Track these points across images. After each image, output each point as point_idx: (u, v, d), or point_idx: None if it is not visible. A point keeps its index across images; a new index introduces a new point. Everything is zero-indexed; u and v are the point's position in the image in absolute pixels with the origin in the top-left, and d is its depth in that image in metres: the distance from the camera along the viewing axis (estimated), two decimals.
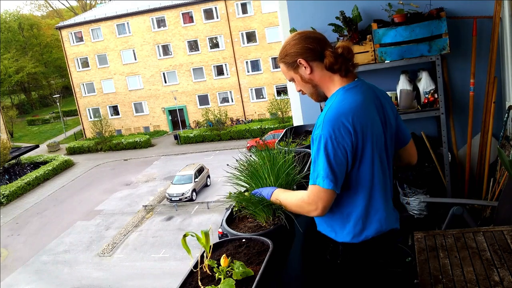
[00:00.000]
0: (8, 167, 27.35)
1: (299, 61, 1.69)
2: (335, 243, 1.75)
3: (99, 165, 28.60)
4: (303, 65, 1.69)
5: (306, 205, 1.65)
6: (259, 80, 31.61)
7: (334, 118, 1.59)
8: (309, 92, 1.77)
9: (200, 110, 32.35)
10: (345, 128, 1.57)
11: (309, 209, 1.65)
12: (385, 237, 1.74)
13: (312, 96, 1.78)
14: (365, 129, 1.61)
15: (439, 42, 3.09)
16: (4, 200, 23.44)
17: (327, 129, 1.58)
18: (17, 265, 17.04)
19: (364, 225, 1.70)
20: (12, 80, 42.41)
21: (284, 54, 1.73)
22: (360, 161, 1.64)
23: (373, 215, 1.70)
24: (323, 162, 1.58)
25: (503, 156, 2.68)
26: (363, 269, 1.75)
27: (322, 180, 1.58)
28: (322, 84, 1.72)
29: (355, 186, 1.68)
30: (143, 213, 20.16)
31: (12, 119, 38.17)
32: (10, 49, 42.91)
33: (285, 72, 1.77)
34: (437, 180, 3.40)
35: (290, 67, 1.73)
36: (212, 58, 31.96)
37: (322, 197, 1.61)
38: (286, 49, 1.72)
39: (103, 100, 34.44)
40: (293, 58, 1.70)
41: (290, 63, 1.72)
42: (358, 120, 1.59)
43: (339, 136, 1.57)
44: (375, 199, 1.70)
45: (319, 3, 3.40)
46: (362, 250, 1.72)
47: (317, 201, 1.62)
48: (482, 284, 2.02)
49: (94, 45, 33.55)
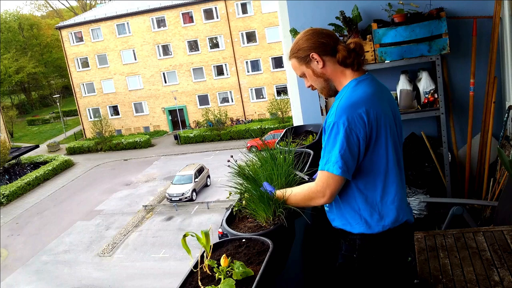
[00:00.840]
0: (8, 167, 27.35)
1: (312, 55, 1.71)
2: (352, 236, 1.74)
3: (99, 165, 28.59)
4: (316, 59, 1.71)
5: (314, 193, 1.66)
6: (259, 80, 31.60)
7: (348, 106, 1.60)
8: (320, 86, 1.78)
9: (200, 110, 32.35)
10: (359, 116, 1.58)
11: (316, 196, 1.66)
12: (402, 228, 1.74)
13: (323, 90, 1.79)
14: (379, 118, 1.62)
15: (439, 42, 3.09)
16: (4, 200, 23.44)
17: (341, 117, 1.59)
18: (17, 265, 17.04)
19: (380, 214, 1.69)
20: (12, 80, 42.40)
21: (297, 48, 1.74)
22: (373, 150, 1.64)
23: (390, 204, 1.70)
24: (334, 149, 1.59)
25: (503, 156, 2.68)
26: (380, 262, 1.74)
27: (332, 166, 1.59)
28: (334, 78, 1.74)
29: (369, 174, 1.68)
30: (143, 213, 20.16)
31: (12, 119, 38.15)
32: (10, 49, 42.90)
33: (297, 67, 1.78)
34: (437, 180, 3.40)
35: (303, 62, 1.74)
36: (212, 58, 31.95)
37: (330, 183, 1.61)
38: (299, 44, 1.74)
39: (103, 100, 34.43)
40: (306, 52, 1.72)
41: (303, 57, 1.73)
42: (372, 109, 1.61)
43: (352, 124, 1.58)
44: (390, 187, 1.70)
45: (319, 3, 3.40)
46: (379, 242, 1.71)
47: (325, 187, 1.62)
48: (482, 284, 2.02)
49: (94, 45, 33.55)
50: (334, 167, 1.58)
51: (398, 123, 1.77)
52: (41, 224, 20.49)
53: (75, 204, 22.43)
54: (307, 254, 2.46)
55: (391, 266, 1.76)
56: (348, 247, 1.76)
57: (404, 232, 1.76)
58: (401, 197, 1.73)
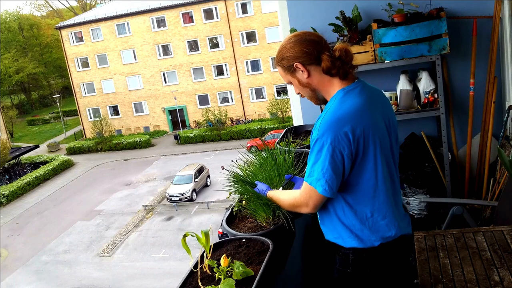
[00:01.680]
0: (8, 167, 27.35)
1: (296, 65, 1.63)
2: (344, 251, 1.69)
3: (99, 165, 28.58)
4: (300, 69, 1.63)
5: (298, 202, 1.67)
6: (259, 80, 31.59)
7: (332, 123, 1.53)
8: (308, 95, 1.72)
9: (200, 110, 32.34)
10: (344, 134, 1.52)
11: (300, 206, 1.67)
12: (396, 243, 1.67)
13: (312, 99, 1.74)
14: (366, 133, 1.55)
15: (439, 42, 3.09)
16: (4, 200, 23.43)
17: (323, 134, 1.53)
18: (17, 265, 17.03)
19: (371, 230, 1.64)
20: (12, 80, 42.39)
21: (281, 58, 1.68)
22: (360, 166, 1.58)
23: (381, 220, 1.64)
24: (317, 166, 1.56)
25: (503, 156, 2.67)
26: (374, 277, 1.68)
27: (315, 182, 1.57)
28: (320, 87, 1.66)
29: (358, 190, 1.63)
30: (143, 213, 20.16)
31: (12, 119, 38.15)
32: (10, 49, 42.90)
33: (283, 76, 1.73)
34: (437, 180, 3.39)
35: (287, 71, 1.68)
36: (212, 58, 31.94)
37: (312, 196, 1.61)
38: (282, 53, 1.67)
39: (103, 100, 34.42)
40: (289, 62, 1.64)
41: (287, 67, 1.66)
42: (358, 126, 1.53)
43: (335, 142, 1.52)
44: (381, 203, 1.64)
45: (319, 3, 3.40)
46: (372, 257, 1.66)
47: (308, 199, 1.62)
48: (482, 284, 2.02)
49: (94, 45, 33.54)
50: (317, 185, 1.57)
51: (393, 131, 1.70)
52: (41, 224, 20.48)
53: (75, 204, 22.43)
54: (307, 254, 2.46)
55: (388, 280, 1.70)
56: (342, 262, 1.71)
57: (400, 246, 1.70)
58: (393, 212, 1.67)
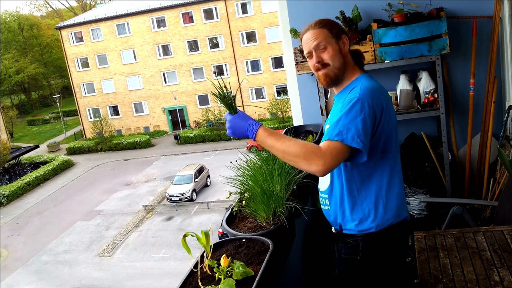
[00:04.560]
0: (8, 167, 27.34)
1: (344, 36, 1.75)
2: (354, 238, 1.71)
3: (99, 165, 28.57)
4: (345, 41, 1.75)
5: (314, 155, 1.48)
6: (259, 80, 31.59)
7: (371, 89, 1.64)
8: (337, 65, 1.72)
9: (200, 110, 32.33)
10: (378, 100, 1.63)
11: (312, 161, 1.48)
12: (402, 225, 1.74)
13: (333, 71, 1.72)
14: (390, 111, 1.68)
15: (439, 42, 3.09)
16: (4, 200, 23.42)
17: (365, 95, 1.60)
18: (17, 265, 17.03)
19: (385, 208, 1.69)
20: (12, 80, 42.39)
21: (331, 24, 1.75)
22: (385, 138, 1.66)
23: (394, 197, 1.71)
24: (357, 122, 1.54)
25: (503, 156, 2.67)
26: (383, 262, 1.73)
27: (351, 139, 1.51)
28: (347, 67, 1.75)
29: (377, 162, 1.68)
30: (143, 213, 20.15)
31: (12, 119, 38.13)
32: (10, 49, 42.89)
33: (323, 38, 1.71)
34: (437, 180, 3.39)
35: (333, 36, 1.73)
36: (212, 58, 31.94)
37: (336, 154, 1.50)
38: (332, 23, 1.76)
39: (103, 100, 34.42)
40: (341, 31, 1.76)
41: (336, 32, 1.74)
42: (386, 100, 1.67)
43: (374, 105, 1.60)
44: (395, 180, 1.72)
45: (319, 3, 3.40)
46: (382, 241, 1.70)
47: (328, 156, 1.49)
48: (482, 284, 2.02)
49: (94, 45, 33.53)
50: (354, 141, 1.51)
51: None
52: (41, 224, 20.48)
53: (75, 204, 22.42)
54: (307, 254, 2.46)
55: (393, 266, 1.75)
56: (349, 250, 1.73)
57: (404, 230, 1.77)
58: (402, 193, 1.76)
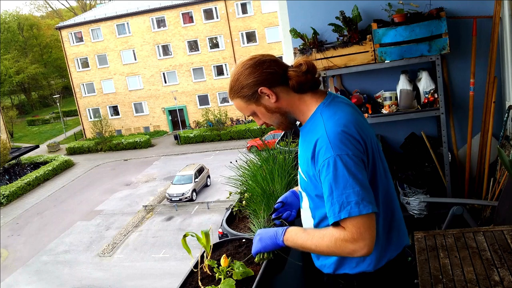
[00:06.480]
0: (8, 167, 27.35)
1: (261, 90, 1.43)
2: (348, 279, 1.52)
3: (99, 165, 28.58)
4: (266, 93, 1.44)
5: (350, 243, 1.33)
6: None
7: (339, 133, 1.35)
8: (277, 122, 1.52)
9: (200, 110, 32.35)
10: (354, 139, 1.36)
11: (354, 248, 1.33)
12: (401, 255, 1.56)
13: (281, 126, 1.53)
14: (371, 139, 1.44)
15: (439, 42, 3.09)
16: (4, 201, 23.43)
17: (339, 147, 1.33)
18: (17, 265, 17.04)
19: (383, 246, 1.49)
20: (12, 80, 42.41)
21: (240, 87, 1.45)
22: (374, 173, 1.44)
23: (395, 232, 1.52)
24: (351, 185, 1.31)
25: (503, 156, 2.67)
26: None
27: (357, 206, 1.30)
28: (292, 109, 1.48)
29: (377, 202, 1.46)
30: (143, 213, 20.16)
31: (12, 119, 38.14)
32: (10, 49, 42.90)
33: (243, 108, 1.50)
34: (437, 180, 3.40)
35: (250, 100, 1.47)
36: (212, 58, 31.96)
37: (368, 226, 1.31)
38: (240, 82, 1.45)
39: (103, 100, 34.43)
40: (252, 89, 1.44)
41: (250, 95, 1.45)
42: (360, 129, 1.40)
43: (354, 150, 1.34)
44: (397, 213, 1.53)
45: (319, 3, 3.40)
46: (381, 278, 1.50)
47: (364, 234, 1.31)
48: (482, 284, 2.01)
49: (94, 45, 33.55)
50: (363, 206, 1.30)
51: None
52: (41, 224, 20.49)
53: (75, 204, 22.43)
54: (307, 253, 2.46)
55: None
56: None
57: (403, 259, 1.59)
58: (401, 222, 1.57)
